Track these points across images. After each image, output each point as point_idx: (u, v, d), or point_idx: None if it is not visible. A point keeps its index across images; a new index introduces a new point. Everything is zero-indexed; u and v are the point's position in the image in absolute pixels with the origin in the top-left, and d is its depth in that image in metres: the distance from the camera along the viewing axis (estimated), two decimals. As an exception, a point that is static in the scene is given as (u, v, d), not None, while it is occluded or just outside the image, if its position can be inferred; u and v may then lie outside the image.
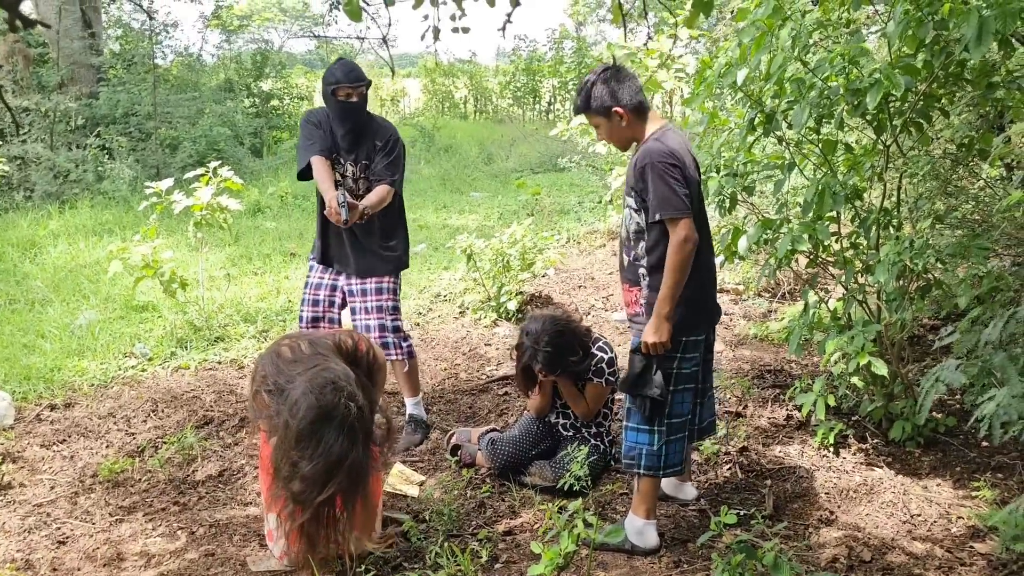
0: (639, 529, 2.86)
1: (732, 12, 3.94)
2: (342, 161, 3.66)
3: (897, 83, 2.84)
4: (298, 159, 3.66)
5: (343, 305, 3.83)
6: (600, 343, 3.43)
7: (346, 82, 3.54)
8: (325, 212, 3.51)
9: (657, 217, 2.66)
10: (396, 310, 3.79)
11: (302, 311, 3.81)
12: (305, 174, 3.63)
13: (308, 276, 3.85)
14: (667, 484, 3.22)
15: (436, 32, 1.81)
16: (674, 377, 2.82)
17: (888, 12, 3.13)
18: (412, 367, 3.87)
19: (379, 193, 3.58)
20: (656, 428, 2.83)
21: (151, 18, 12.83)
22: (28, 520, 3.20)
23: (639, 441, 2.85)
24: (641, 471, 2.85)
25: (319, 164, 3.56)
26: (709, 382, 3.07)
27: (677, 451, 2.88)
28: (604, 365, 3.37)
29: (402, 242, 3.83)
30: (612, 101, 2.73)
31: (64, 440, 3.91)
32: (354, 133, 3.63)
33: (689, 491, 3.24)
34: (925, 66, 3.05)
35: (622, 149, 2.91)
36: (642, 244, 2.79)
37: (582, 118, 7.50)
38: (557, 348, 3.25)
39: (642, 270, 2.80)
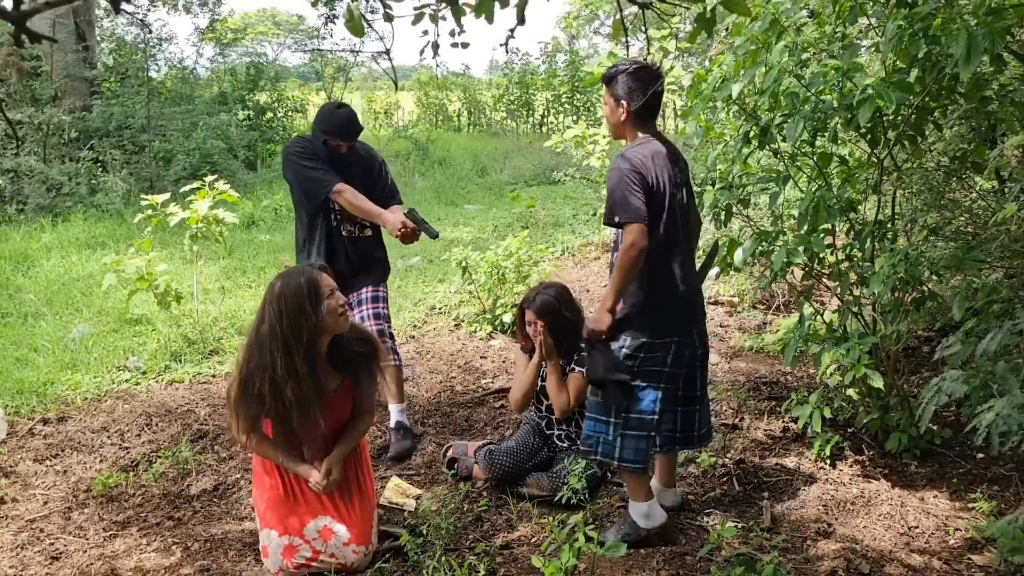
0: (644, 512, 2.95)
1: (727, 28, 3.97)
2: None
3: (889, 98, 2.86)
4: (312, 190, 3.66)
5: None
6: None
7: (341, 138, 3.64)
8: (397, 233, 3.57)
9: (607, 220, 2.83)
10: (389, 318, 3.90)
11: None
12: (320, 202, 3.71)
13: None
14: (655, 490, 3.22)
15: (435, 47, 1.82)
16: (638, 375, 2.90)
17: (881, 26, 3.16)
18: (400, 373, 3.99)
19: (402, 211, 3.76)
20: (612, 420, 2.93)
21: (148, 30, 12.82)
22: (21, 536, 3.17)
23: (596, 430, 2.98)
24: (598, 456, 2.99)
25: (351, 191, 3.63)
26: (696, 391, 3.10)
27: (635, 448, 2.92)
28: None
29: (385, 250, 4.01)
30: (623, 96, 2.87)
31: (57, 454, 3.88)
32: (340, 171, 3.71)
33: (669, 497, 3.22)
34: (918, 80, 3.07)
35: (612, 136, 3.06)
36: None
37: (576, 131, 7.52)
38: (557, 300, 3.41)
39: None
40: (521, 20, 1.63)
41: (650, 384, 2.91)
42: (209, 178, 5.24)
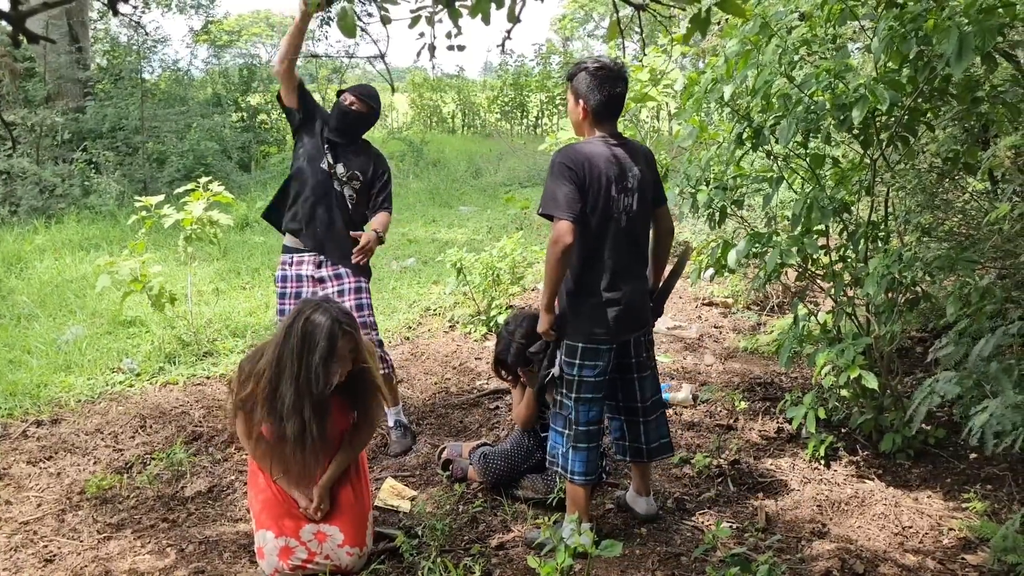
0: (573, 531, 2.86)
1: (719, 25, 3.99)
2: (333, 161, 3.71)
3: (882, 98, 2.88)
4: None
5: None
6: None
7: (352, 92, 3.69)
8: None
9: (540, 211, 2.79)
10: (376, 325, 3.84)
11: (282, 305, 3.75)
12: (305, 128, 3.75)
13: (284, 268, 3.77)
14: (629, 496, 3.25)
15: (432, 50, 1.83)
16: (576, 384, 2.89)
17: (873, 27, 3.18)
18: (393, 379, 3.94)
19: (384, 219, 3.78)
20: (565, 431, 2.96)
21: (145, 32, 12.78)
22: (14, 538, 3.16)
23: (556, 441, 3.02)
24: (559, 468, 3.00)
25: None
26: (638, 403, 3.07)
27: (584, 460, 2.92)
28: None
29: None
30: (583, 94, 2.85)
31: (51, 457, 3.87)
32: (342, 136, 3.70)
33: (641, 504, 3.19)
34: (910, 81, 3.09)
35: (575, 133, 3.04)
36: None
37: (571, 132, 7.57)
38: (529, 343, 3.28)
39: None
40: (511, 18, 1.63)
41: (590, 395, 2.91)
42: (203, 180, 5.23)
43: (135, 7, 12.53)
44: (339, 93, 3.72)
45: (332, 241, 3.73)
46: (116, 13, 1.08)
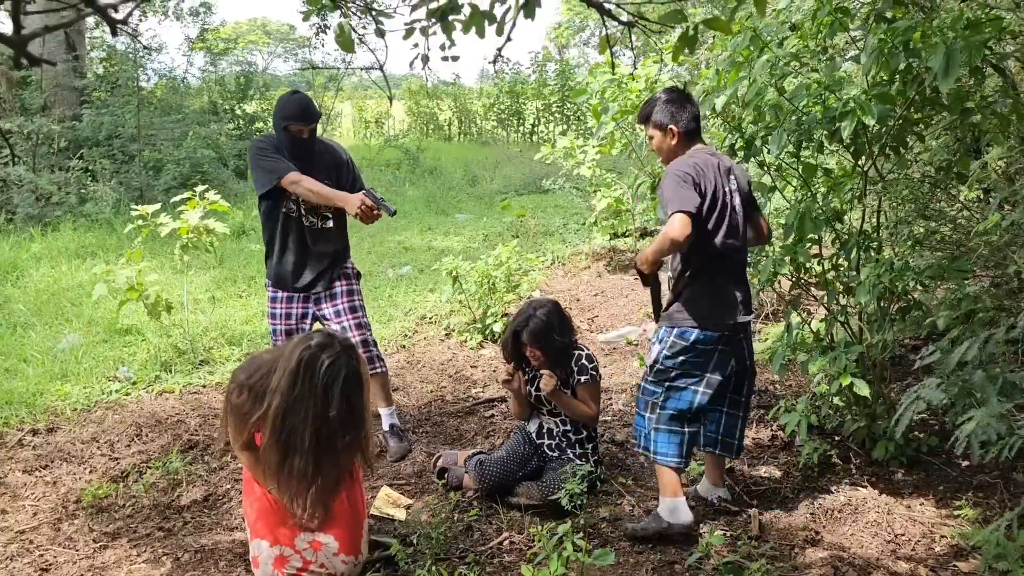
0: (670, 507, 3.04)
1: (712, 38, 4.02)
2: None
3: (871, 112, 2.91)
4: (263, 179, 3.64)
5: None
6: (576, 343, 3.57)
7: (300, 121, 3.61)
8: (357, 212, 3.52)
9: (666, 215, 2.87)
10: (370, 325, 3.93)
11: (275, 341, 3.84)
12: (270, 193, 3.67)
13: (273, 307, 3.88)
14: (701, 487, 3.41)
15: (425, 60, 1.85)
16: (675, 370, 3.05)
17: (863, 39, 3.21)
18: (387, 379, 4.03)
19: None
20: (647, 415, 3.14)
21: (146, 48, 12.81)
22: (10, 547, 3.16)
23: (639, 424, 3.20)
24: (640, 449, 3.19)
25: (306, 177, 3.59)
26: (742, 397, 3.24)
27: (668, 442, 3.08)
28: (585, 361, 3.48)
29: (348, 247, 3.98)
30: (671, 121, 3.03)
31: (47, 465, 3.87)
32: (303, 162, 3.68)
33: (718, 493, 3.37)
34: (899, 93, 3.12)
35: (666, 163, 3.14)
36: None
37: (566, 141, 7.55)
38: (548, 321, 3.40)
39: (669, 274, 3.14)
40: (500, 32, 1.66)
41: (690, 381, 3.05)
42: (199, 188, 5.25)
43: (135, 26, 12.55)
44: (284, 126, 3.60)
45: (310, 266, 3.81)
46: (116, 34, 1.09)
